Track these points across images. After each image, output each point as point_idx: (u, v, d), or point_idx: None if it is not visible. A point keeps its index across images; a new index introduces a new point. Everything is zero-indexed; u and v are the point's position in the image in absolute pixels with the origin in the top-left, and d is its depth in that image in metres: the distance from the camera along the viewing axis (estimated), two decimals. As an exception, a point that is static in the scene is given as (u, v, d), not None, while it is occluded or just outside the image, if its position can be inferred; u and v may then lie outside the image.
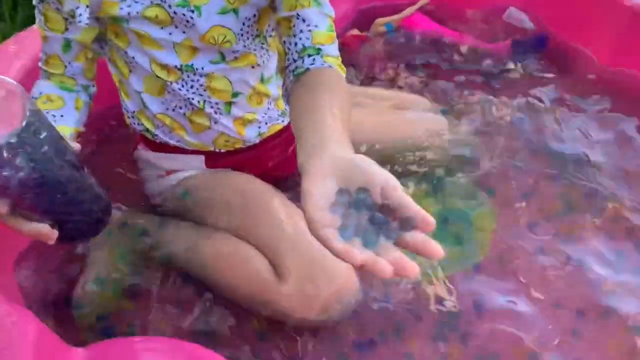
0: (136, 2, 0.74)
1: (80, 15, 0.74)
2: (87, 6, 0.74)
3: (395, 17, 1.41)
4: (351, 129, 0.61)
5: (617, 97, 1.24)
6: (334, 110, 0.60)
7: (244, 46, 0.81)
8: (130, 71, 0.82)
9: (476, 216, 0.95)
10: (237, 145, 0.91)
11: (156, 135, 0.89)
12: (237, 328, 0.81)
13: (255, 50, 0.83)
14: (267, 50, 0.86)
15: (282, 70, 0.80)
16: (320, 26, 0.73)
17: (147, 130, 0.89)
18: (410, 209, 0.45)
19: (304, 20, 0.73)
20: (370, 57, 1.34)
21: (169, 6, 0.75)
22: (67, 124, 0.78)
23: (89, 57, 0.81)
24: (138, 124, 0.90)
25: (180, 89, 0.82)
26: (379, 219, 0.46)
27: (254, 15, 0.79)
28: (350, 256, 0.44)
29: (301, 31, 0.73)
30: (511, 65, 1.35)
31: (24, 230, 0.58)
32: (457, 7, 1.49)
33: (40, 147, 0.54)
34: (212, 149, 0.91)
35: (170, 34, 0.77)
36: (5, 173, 0.53)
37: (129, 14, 0.75)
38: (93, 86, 0.84)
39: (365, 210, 0.47)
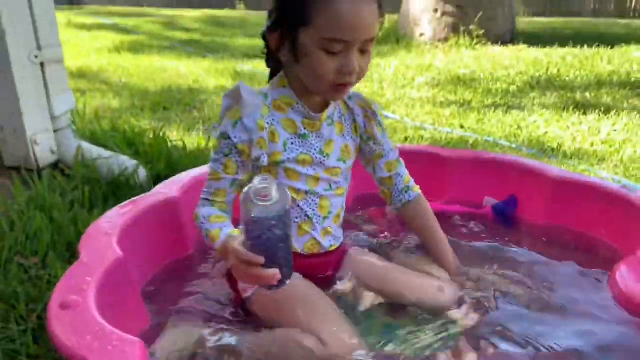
0: (293, 151, 1.22)
1: (263, 159, 1.18)
2: (266, 154, 1.18)
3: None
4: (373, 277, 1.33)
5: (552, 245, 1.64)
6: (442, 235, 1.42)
7: (341, 182, 1.30)
8: None
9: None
10: (314, 251, 1.29)
11: None
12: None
13: (344, 186, 1.32)
14: (347, 189, 1.34)
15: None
16: (403, 172, 1.41)
17: None
18: None
19: (397, 175, 1.40)
20: (390, 227, 1.74)
21: (313, 154, 1.24)
22: (231, 230, 1.13)
23: (239, 190, 1.20)
24: None
25: (303, 205, 1.25)
26: None
27: (351, 167, 1.34)
28: None
29: (398, 180, 1.40)
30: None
31: (262, 275, 0.97)
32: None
33: (287, 219, 0.96)
34: (299, 251, 1.27)
35: (307, 169, 1.24)
36: (269, 234, 0.95)
37: (288, 159, 1.21)
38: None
39: None
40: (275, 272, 0.98)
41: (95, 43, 5.99)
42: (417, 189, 1.42)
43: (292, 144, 1.22)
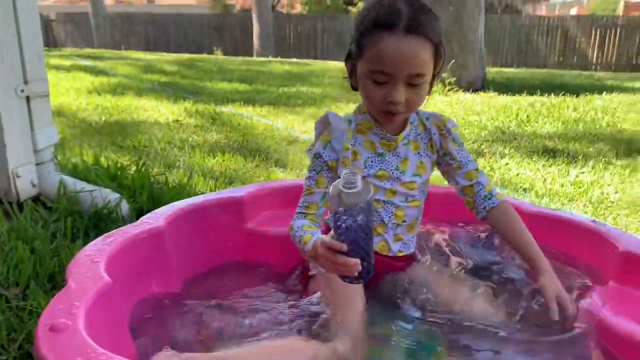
0: (372, 167, 1.39)
1: None
2: None
3: None
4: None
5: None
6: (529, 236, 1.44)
7: (417, 195, 1.44)
8: None
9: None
10: (384, 252, 1.43)
11: None
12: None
13: (420, 199, 1.46)
14: (423, 202, 1.47)
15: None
16: (484, 181, 1.47)
17: None
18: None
19: (478, 183, 1.46)
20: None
21: (390, 170, 1.40)
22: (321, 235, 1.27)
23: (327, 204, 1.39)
24: None
25: (380, 211, 1.41)
26: None
27: (427, 180, 1.46)
28: None
29: (479, 188, 1.46)
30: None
31: (344, 262, 1.08)
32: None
33: (370, 210, 1.07)
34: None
35: (384, 183, 1.40)
36: (352, 222, 1.06)
37: (368, 174, 1.38)
38: None
39: None
40: (356, 261, 1.09)
41: (74, 83, 6.02)
42: (500, 196, 1.49)
43: (371, 161, 1.41)
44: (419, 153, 1.45)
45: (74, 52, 10.73)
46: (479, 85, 6.66)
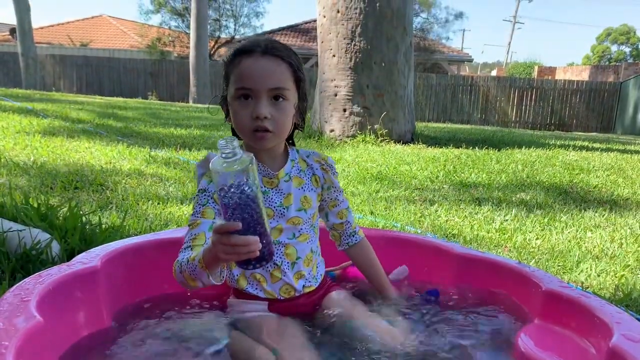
0: None
1: None
2: None
3: (336, 268, 1.90)
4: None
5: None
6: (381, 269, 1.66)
7: (305, 229, 1.49)
8: None
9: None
10: (291, 294, 1.47)
11: (245, 289, 1.46)
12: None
13: (309, 232, 1.51)
14: (313, 234, 1.53)
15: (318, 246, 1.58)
16: (351, 220, 1.63)
17: (240, 286, 1.46)
18: None
19: (347, 222, 1.63)
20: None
21: (274, 207, 1.45)
22: None
23: None
24: (236, 283, 1.47)
25: None
26: None
27: (315, 214, 1.53)
28: None
29: (347, 226, 1.63)
30: None
31: (241, 242, 1.07)
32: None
33: (254, 176, 1.09)
34: (276, 296, 1.45)
35: (270, 223, 1.40)
36: (239, 193, 1.06)
37: None
38: None
39: None
40: (255, 239, 1.08)
41: (0, 123, 5.77)
42: (361, 233, 1.67)
43: None
44: (302, 188, 1.51)
45: (3, 92, 10.30)
46: (409, 137, 6.96)
